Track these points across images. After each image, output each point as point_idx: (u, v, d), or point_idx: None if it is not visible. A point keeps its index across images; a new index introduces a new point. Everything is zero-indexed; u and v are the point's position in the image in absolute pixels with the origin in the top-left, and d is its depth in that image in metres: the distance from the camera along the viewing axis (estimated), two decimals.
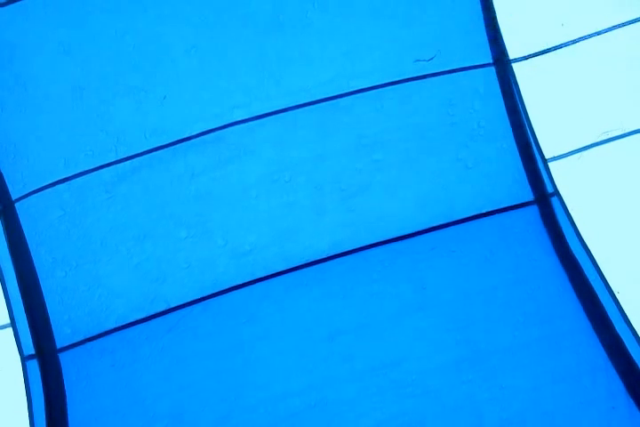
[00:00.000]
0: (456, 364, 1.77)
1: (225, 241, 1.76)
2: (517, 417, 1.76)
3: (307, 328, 1.75)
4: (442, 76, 1.81)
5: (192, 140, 1.74)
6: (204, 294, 1.74)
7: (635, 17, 1.87)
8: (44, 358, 1.69)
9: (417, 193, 1.83)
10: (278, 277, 1.77)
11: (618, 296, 1.80)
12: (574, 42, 1.86)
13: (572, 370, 1.78)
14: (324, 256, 1.78)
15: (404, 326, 1.77)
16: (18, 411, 1.73)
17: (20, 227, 1.71)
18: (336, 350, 1.74)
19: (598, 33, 1.85)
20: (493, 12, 1.82)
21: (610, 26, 1.87)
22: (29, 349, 1.69)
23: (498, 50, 1.82)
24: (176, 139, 1.73)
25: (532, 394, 1.77)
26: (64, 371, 1.69)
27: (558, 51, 1.86)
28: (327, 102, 1.77)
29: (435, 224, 1.82)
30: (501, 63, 1.82)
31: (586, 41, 1.86)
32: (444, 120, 1.82)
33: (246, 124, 1.75)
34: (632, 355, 1.78)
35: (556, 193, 1.84)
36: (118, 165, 1.70)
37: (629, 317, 1.79)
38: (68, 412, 1.68)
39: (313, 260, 1.78)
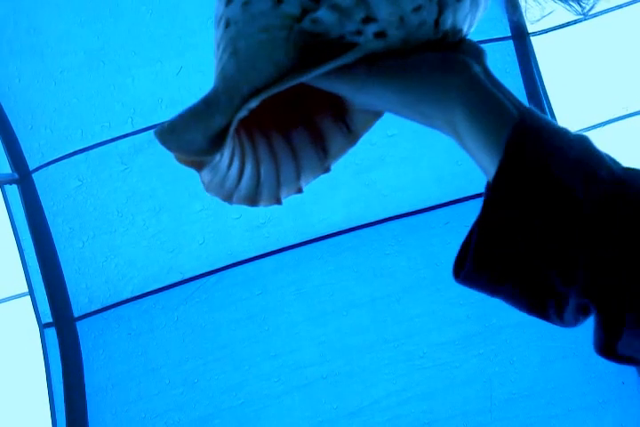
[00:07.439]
0: (467, 338, 1.78)
1: (239, 214, 1.77)
2: (527, 391, 1.78)
3: (320, 301, 1.77)
4: None
5: None
6: (219, 266, 1.76)
7: None
8: (62, 326, 1.72)
9: (431, 168, 1.82)
10: (292, 250, 1.78)
11: None
12: (594, 16, 1.83)
13: (581, 345, 1.79)
14: (337, 230, 1.79)
15: (417, 299, 1.78)
16: (36, 378, 1.77)
17: (38, 197, 1.73)
18: (348, 323, 1.76)
19: (620, 6, 1.82)
20: None
21: (630, 0, 1.84)
22: (47, 317, 1.72)
23: (516, 23, 1.80)
24: None
25: (541, 369, 1.78)
26: (81, 339, 1.72)
27: (578, 25, 1.83)
28: None
29: (448, 199, 1.82)
30: (520, 37, 1.80)
31: (606, 15, 1.83)
32: None
33: None
34: None
35: None
36: (135, 137, 1.71)
37: None
38: (85, 379, 1.71)
39: (326, 233, 1.79)
